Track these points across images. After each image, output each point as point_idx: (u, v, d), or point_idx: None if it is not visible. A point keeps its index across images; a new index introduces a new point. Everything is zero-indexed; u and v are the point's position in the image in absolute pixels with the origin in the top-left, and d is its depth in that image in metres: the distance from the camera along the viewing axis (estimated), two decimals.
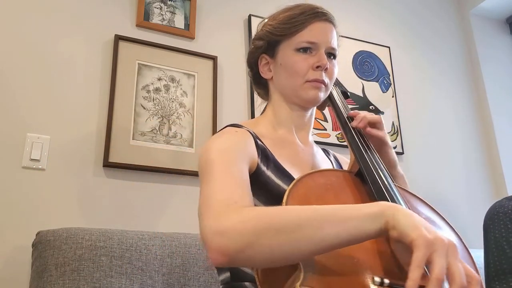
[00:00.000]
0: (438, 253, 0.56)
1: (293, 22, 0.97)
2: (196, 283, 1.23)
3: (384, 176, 0.81)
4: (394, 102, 2.16)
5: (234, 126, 0.95)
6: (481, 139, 2.38)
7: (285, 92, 1.00)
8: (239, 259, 0.62)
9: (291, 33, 0.97)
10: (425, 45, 2.43)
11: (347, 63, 2.14)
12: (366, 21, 2.30)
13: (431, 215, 0.85)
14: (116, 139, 1.54)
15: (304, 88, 0.96)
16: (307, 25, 0.96)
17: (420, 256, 0.56)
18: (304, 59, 0.96)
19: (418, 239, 0.57)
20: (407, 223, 0.60)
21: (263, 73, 1.03)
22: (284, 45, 0.98)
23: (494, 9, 2.57)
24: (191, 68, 1.76)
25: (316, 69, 0.95)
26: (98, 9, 1.70)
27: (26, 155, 1.42)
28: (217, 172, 0.76)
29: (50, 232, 1.19)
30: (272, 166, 0.89)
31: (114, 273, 1.14)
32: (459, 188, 2.19)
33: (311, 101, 0.97)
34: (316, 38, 0.96)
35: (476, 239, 2.08)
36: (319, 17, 0.98)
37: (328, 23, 1.00)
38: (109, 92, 1.59)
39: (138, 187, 1.54)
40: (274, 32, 0.99)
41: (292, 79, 0.97)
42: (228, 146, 0.84)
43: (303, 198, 0.72)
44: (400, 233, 0.59)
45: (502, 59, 2.57)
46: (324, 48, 0.97)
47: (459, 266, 0.56)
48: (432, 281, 0.54)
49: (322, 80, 0.95)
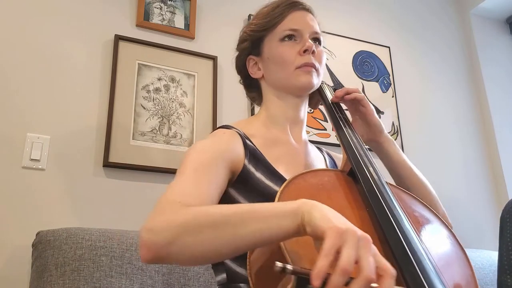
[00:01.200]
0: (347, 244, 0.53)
1: (271, 15, 0.99)
2: (196, 283, 1.23)
3: (377, 175, 0.81)
4: (394, 102, 2.16)
5: (224, 127, 0.96)
6: (481, 139, 2.38)
7: (278, 84, 1.00)
8: (164, 255, 0.63)
9: (272, 25, 0.99)
10: (425, 45, 2.43)
11: (347, 63, 2.14)
12: (366, 21, 2.30)
13: (425, 213, 0.85)
14: (116, 139, 1.54)
15: (295, 75, 0.96)
16: (286, 15, 0.99)
17: (329, 245, 0.53)
18: (290, 46, 0.97)
19: (329, 230, 0.54)
20: (320, 216, 0.57)
21: (253, 73, 1.03)
22: (267, 39, 1.00)
23: (494, 9, 2.57)
24: (191, 68, 1.76)
25: (303, 54, 0.95)
26: (98, 9, 1.70)
27: (26, 155, 1.42)
28: (184, 171, 0.79)
29: (50, 232, 1.19)
30: (261, 167, 0.89)
31: (114, 273, 1.14)
32: (459, 188, 2.19)
33: (304, 86, 0.97)
34: (298, 25, 0.98)
35: (476, 239, 2.08)
36: (296, 6, 1.00)
37: (306, 11, 1.02)
38: (109, 92, 1.59)
39: (138, 187, 1.54)
40: (256, 29, 1.01)
41: (282, 69, 0.97)
42: (208, 148, 0.85)
43: (295, 199, 0.73)
44: (313, 228, 0.57)
45: (502, 59, 2.57)
46: (307, 33, 0.98)
47: (369, 259, 0.53)
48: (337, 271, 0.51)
49: (312, 63, 0.95)
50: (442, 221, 0.84)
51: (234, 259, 0.85)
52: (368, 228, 0.72)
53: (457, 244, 0.80)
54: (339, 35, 2.16)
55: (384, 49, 2.26)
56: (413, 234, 0.70)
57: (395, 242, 0.67)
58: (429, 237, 0.80)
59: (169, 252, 0.62)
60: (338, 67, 2.10)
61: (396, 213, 0.73)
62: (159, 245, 0.62)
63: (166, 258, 0.64)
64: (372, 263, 0.53)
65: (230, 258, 0.63)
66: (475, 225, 2.13)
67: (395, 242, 0.67)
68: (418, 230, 0.78)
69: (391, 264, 0.55)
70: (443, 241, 0.80)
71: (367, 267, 0.52)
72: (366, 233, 0.55)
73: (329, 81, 2.06)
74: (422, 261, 0.65)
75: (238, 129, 0.94)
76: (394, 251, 0.66)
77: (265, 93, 1.03)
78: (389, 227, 0.70)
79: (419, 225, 0.81)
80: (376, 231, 0.72)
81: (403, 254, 0.65)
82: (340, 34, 2.17)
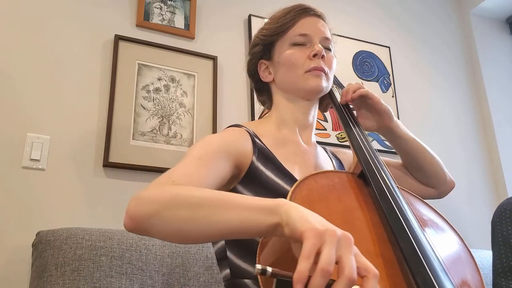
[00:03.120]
0: (327, 244, 0.52)
1: (283, 20, 1.01)
2: (196, 283, 1.23)
3: (387, 178, 0.81)
4: (394, 102, 2.16)
5: (235, 126, 0.98)
6: (481, 138, 2.37)
7: (287, 88, 1.00)
8: (144, 227, 0.66)
9: (283, 30, 1.00)
10: (425, 45, 2.43)
11: (347, 63, 2.14)
12: (366, 21, 2.30)
13: (434, 217, 0.85)
14: (116, 139, 1.54)
15: (304, 79, 0.97)
16: (298, 20, 1.00)
17: (308, 247, 0.51)
18: (300, 50, 0.98)
19: (308, 231, 0.53)
20: (298, 218, 0.56)
21: (264, 77, 1.04)
22: (279, 43, 1.01)
23: (494, 9, 2.57)
24: (191, 68, 1.76)
25: (313, 58, 0.97)
26: (98, 9, 1.70)
27: (26, 155, 1.42)
28: (188, 157, 0.81)
29: (50, 232, 1.19)
30: (271, 165, 0.90)
31: (114, 273, 1.14)
32: (459, 188, 2.19)
33: (313, 90, 0.98)
34: (308, 30, 0.99)
35: (477, 239, 2.08)
36: (307, 12, 1.01)
37: (317, 17, 1.03)
38: (109, 92, 1.59)
39: (138, 187, 1.54)
40: (267, 34, 1.02)
41: (291, 72, 0.98)
42: (215, 141, 0.87)
43: (306, 199, 0.72)
44: (291, 229, 0.56)
45: (502, 59, 2.57)
46: (318, 39, 0.99)
47: (350, 258, 0.52)
48: (317, 272, 0.50)
49: (321, 67, 0.97)
50: (450, 225, 0.85)
51: (238, 255, 0.86)
52: (378, 230, 0.72)
53: (465, 248, 0.80)
54: (339, 35, 2.15)
55: (384, 49, 2.26)
56: (423, 237, 0.70)
57: (406, 244, 0.68)
58: (438, 240, 0.80)
59: (149, 224, 0.66)
60: (338, 67, 2.06)
61: (407, 216, 0.73)
62: (141, 216, 0.66)
63: (146, 229, 0.67)
64: (353, 262, 0.52)
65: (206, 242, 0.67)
66: (475, 225, 2.13)
67: (406, 244, 0.68)
68: (427, 233, 0.79)
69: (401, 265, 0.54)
70: (452, 245, 0.81)
71: (348, 268, 0.51)
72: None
73: None
74: (432, 263, 0.65)
75: (248, 128, 0.95)
76: (405, 253, 0.67)
77: (275, 97, 1.04)
78: (399, 229, 0.70)
79: (429, 228, 0.82)
80: (387, 233, 0.73)
81: (414, 256, 0.65)
82: (340, 34, 2.16)
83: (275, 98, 1.04)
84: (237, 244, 0.87)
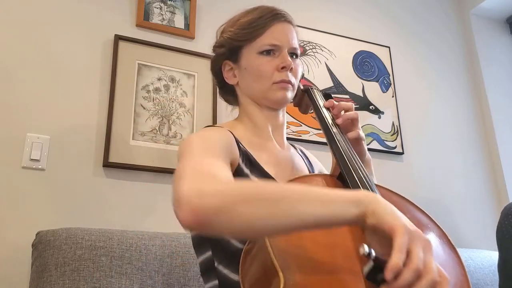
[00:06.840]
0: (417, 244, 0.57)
1: (253, 26, 0.98)
2: (196, 283, 1.23)
3: (366, 178, 0.81)
4: (394, 102, 2.16)
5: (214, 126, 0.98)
6: (481, 138, 2.37)
7: (253, 95, 1.01)
8: (208, 221, 0.59)
9: (252, 37, 0.98)
10: (425, 45, 2.43)
11: (347, 63, 2.14)
12: (366, 21, 2.30)
13: (417, 214, 0.86)
14: (116, 139, 1.54)
15: (271, 90, 0.97)
16: (267, 28, 0.98)
17: (403, 242, 0.56)
18: (268, 61, 0.97)
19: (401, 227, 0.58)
20: (387, 211, 0.60)
21: (228, 79, 1.04)
22: (246, 49, 0.99)
23: (494, 9, 2.57)
24: (191, 68, 1.76)
25: (281, 70, 0.96)
26: (98, 9, 1.70)
27: (26, 155, 1.42)
28: (197, 151, 0.76)
29: (50, 232, 1.19)
30: (255, 170, 0.91)
31: (114, 273, 1.14)
32: (459, 188, 2.19)
33: (279, 102, 0.99)
34: (278, 40, 0.98)
35: (476, 239, 2.08)
36: (278, 18, 0.99)
37: (287, 23, 1.01)
38: (109, 92, 1.59)
39: (138, 187, 1.54)
40: (235, 38, 1.00)
41: (258, 82, 0.98)
42: (210, 136, 0.85)
43: None
44: (378, 220, 0.60)
45: (502, 59, 2.57)
46: (286, 48, 0.98)
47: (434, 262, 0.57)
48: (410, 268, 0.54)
49: (288, 81, 0.97)
50: (435, 222, 0.85)
51: (226, 266, 0.86)
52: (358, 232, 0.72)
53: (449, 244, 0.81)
54: (339, 35, 2.16)
55: (384, 49, 2.26)
56: None
57: None
58: None
59: (216, 219, 0.59)
60: (338, 67, 2.10)
61: None
62: (208, 211, 0.59)
63: (210, 225, 0.60)
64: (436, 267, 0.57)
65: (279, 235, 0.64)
66: (475, 225, 2.13)
67: None
68: None
69: None
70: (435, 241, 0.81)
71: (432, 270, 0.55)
72: None
73: (329, 81, 2.06)
74: None
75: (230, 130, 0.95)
76: None
77: (242, 100, 1.04)
78: None
79: None
80: None
81: None
82: (340, 34, 2.17)
83: (242, 101, 1.04)
84: (226, 255, 0.86)
